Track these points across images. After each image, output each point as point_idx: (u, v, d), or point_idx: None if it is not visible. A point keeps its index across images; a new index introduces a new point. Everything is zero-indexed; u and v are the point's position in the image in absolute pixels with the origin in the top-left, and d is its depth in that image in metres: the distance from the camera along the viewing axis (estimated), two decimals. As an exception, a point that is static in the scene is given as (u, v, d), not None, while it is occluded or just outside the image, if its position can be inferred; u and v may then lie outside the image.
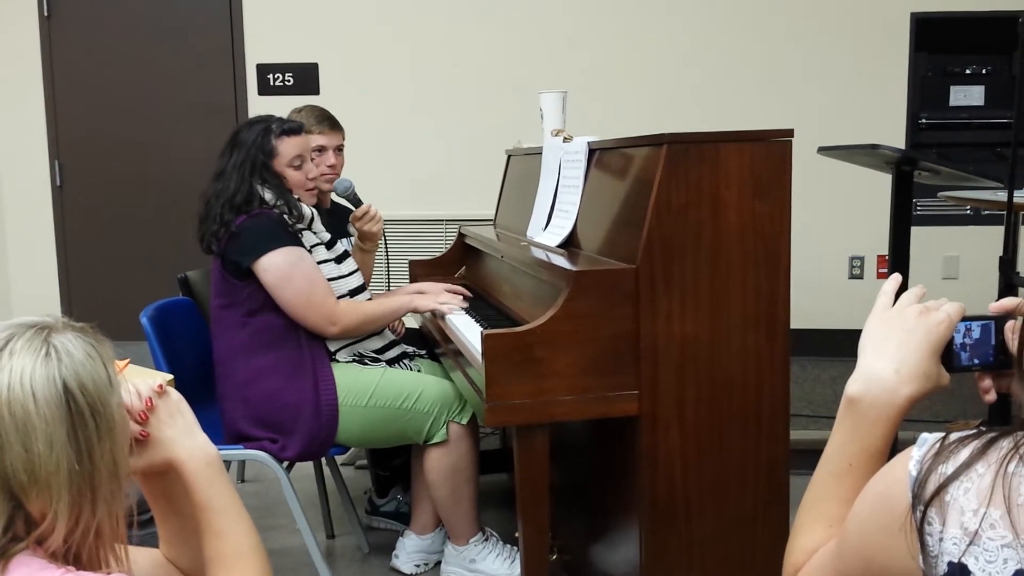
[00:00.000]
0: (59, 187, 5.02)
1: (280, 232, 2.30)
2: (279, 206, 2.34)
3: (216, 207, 2.32)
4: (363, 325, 2.41)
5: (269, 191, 2.34)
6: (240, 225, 2.29)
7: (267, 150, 2.36)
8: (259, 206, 2.32)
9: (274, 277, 2.28)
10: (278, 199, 2.34)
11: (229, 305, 2.35)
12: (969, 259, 4.61)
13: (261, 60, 4.80)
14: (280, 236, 2.29)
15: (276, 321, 2.32)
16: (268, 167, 2.36)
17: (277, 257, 2.27)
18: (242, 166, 2.34)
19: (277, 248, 2.27)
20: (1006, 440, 0.77)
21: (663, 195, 1.83)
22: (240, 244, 2.29)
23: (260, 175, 2.34)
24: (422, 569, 2.58)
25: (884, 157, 2.60)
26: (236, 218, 2.29)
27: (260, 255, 2.27)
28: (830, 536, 0.94)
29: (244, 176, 2.33)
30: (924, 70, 4.56)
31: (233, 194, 2.31)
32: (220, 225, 2.30)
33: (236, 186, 2.32)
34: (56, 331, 1.03)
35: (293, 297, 2.29)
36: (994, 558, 0.73)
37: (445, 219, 4.56)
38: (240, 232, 2.29)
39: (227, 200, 2.31)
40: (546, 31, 4.69)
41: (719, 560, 1.96)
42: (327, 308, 2.33)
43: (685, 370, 1.88)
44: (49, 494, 0.98)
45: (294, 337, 2.33)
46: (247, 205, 2.31)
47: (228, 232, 2.29)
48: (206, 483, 1.18)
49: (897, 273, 1.06)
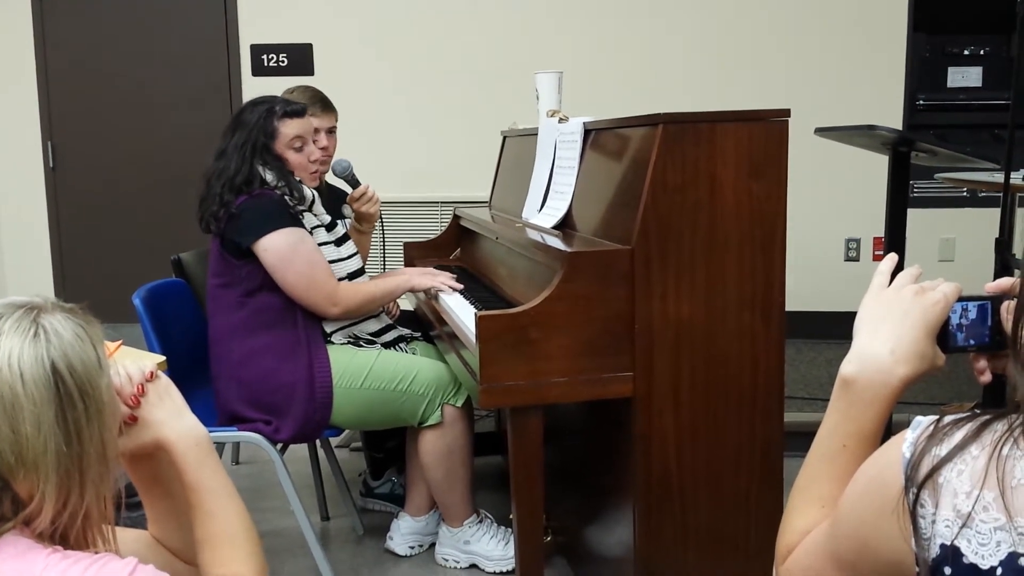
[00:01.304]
0: (52, 168, 4.99)
1: (281, 213, 2.29)
2: (280, 187, 2.33)
3: (216, 187, 2.31)
4: (364, 305, 2.41)
5: (270, 172, 2.33)
6: (240, 205, 2.28)
7: (268, 131, 2.35)
8: (260, 187, 2.31)
9: (275, 258, 2.27)
10: (279, 180, 2.33)
11: (227, 284, 2.34)
12: (965, 241, 4.60)
13: (255, 41, 4.77)
14: (281, 217, 2.28)
15: (273, 301, 2.32)
16: (269, 148, 2.35)
17: (278, 238, 2.26)
18: (243, 146, 2.32)
19: (278, 229, 2.26)
20: (1000, 422, 0.76)
21: (659, 175, 1.82)
22: (240, 224, 2.27)
23: (261, 156, 2.33)
24: (416, 551, 2.58)
25: (881, 138, 2.59)
26: (236, 198, 2.28)
27: (260, 236, 2.26)
28: (823, 518, 0.94)
29: (245, 156, 2.32)
30: (922, 51, 4.54)
31: (234, 174, 2.30)
32: (220, 205, 2.29)
33: (237, 166, 2.31)
34: (45, 312, 1.02)
35: (295, 278, 2.28)
36: (987, 540, 0.73)
37: (440, 201, 4.54)
38: (240, 212, 2.27)
39: (227, 180, 2.30)
40: (542, 11, 4.66)
41: (713, 541, 1.96)
42: (329, 288, 2.32)
43: (680, 352, 1.87)
44: (37, 475, 0.97)
45: (290, 318, 2.33)
46: (248, 186, 2.30)
47: (228, 212, 2.28)
48: (196, 464, 1.17)
49: (893, 253, 1.05)
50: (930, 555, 0.75)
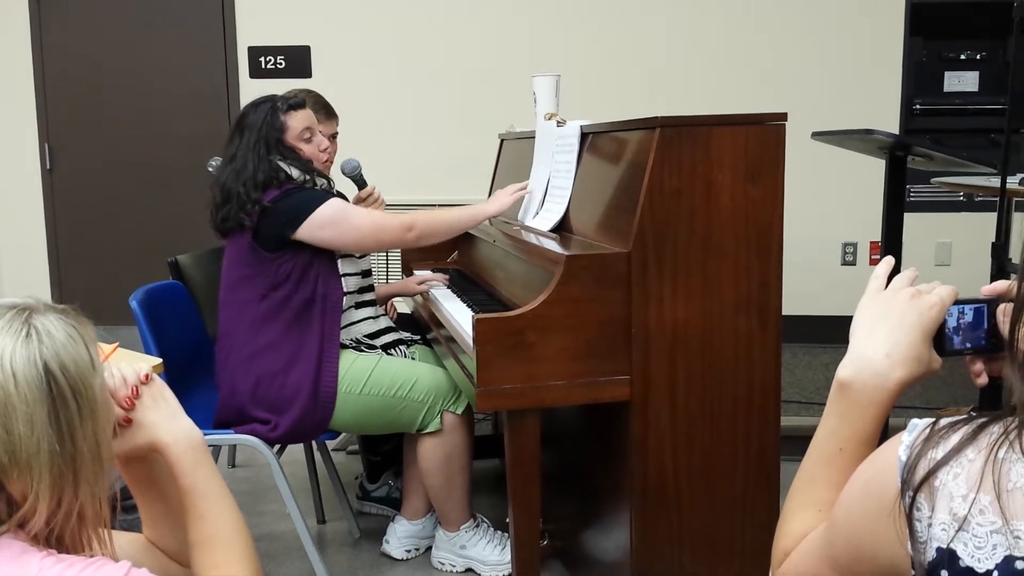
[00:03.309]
0: (49, 170, 4.99)
1: (316, 195, 2.32)
2: (307, 181, 2.35)
3: (238, 187, 2.30)
4: (439, 228, 2.45)
5: (294, 167, 2.34)
6: (276, 198, 2.28)
7: (278, 126, 2.36)
8: (286, 181, 2.32)
9: (330, 222, 2.29)
10: (304, 174, 2.35)
11: (251, 277, 2.33)
12: (962, 245, 4.61)
13: (252, 43, 4.77)
14: (318, 198, 2.31)
15: (296, 298, 2.31)
16: (282, 143, 2.36)
17: (325, 209, 2.29)
18: (256, 145, 2.33)
19: (320, 205, 2.29)
20: (996, 426, 0.76)
21: (656, 179, 1.82)
22: (282, 214, 2.28)
23: (277, 151, 2.34)
24: (412, 554, 2.57)
25: (878, 142, 2.59)
26: (265, 194, 2.28)
27: (308, 215, 2.27)
28: (819, 521, 0.94)
29: (261, 154, 2.32)
30: (919, 55, 4.55)
31: (254, 172, 2.30)
32: (251, 202, 2.28)
33: (255, 165, 2.31)
34: (37, 312, 1.02)
35: (358, 231, 2.32)
36: (983, 544, 0.72)
37: (437, 203, 4.53)
38: (276, 207, 2.28)
39: (249, 178, 2.29)
40: (540, 14, 4.66)
41: (709, 545, 1.96)
42: (397, 220, 2.38)
43: (676, 355, 1.88)
44: (30, 475, 0.97)
45: (307, 317, 2.32)
46: (274, 180, 2.31)
47: (261, 207, 2.28)
48: (190, 467, 1.17)
49: (889, 256, 1.05)
50: (926, 559, 0.75)
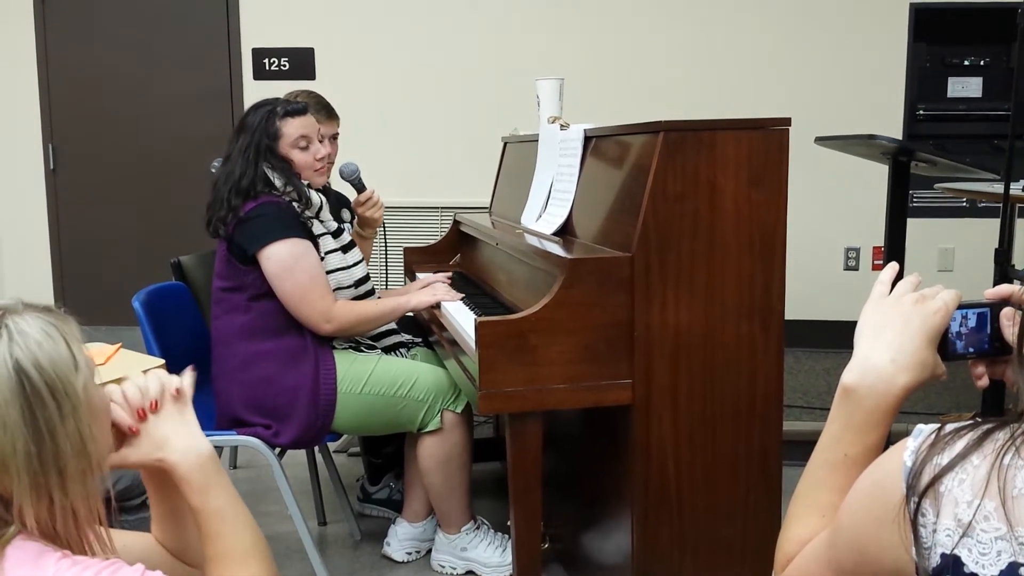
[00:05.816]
0: (52, 171, 4.99)
1: (289, 222, 2.28)
2: (288, 193, 2.33)
3: (223, 191, 2.30)
4: (358, 325, 2.38)
5: (277, 176, 2.33)
6: (249, 212, 2.27)
7: (271, 132, 2.34)
8: (268, 191, 2.31)
9: (276, 267, 2.26)
10: (287, 185, 2.33)
11: (234, 288, 2.33)
12: (965, 251, 4.60)
13: (257, 44, 4.77)
14: (289, 226, 2.27)
15: (279, 307, 2.31)
16: (273, 150, 2.34)
17: (282, 248, 2.25)
18: (247, 150, 2.32)
19: (284, 239, 2.25)
20: (1002, 432, 0.76)
21: (659, 183, 1.82)
22: (248, 231, 2.27)
23: (266, 158, 2.33)
24: (413, 557, 2.57)
25: (881, 148, 2.59)
26: (244, 203, 2.28)
27: (266, 244, 2.25)
28: (823, 526, 0.93)
29: (249, 159, 2.31)
30: (922, 61, 4.55)
31: (239, 178, 2.29)
32: (228, 210, 2.28)
33: (242, 170, 2.30)
34: (13, 312, 1.00)
35: (292, 290, 2.27)
36: (988, 550, 0.72)
37: (440, 206, 4.54)
38: (248, 219, 2.27)
39: (233, 184, 2.29)
40: (543, 17, 4.66)
41: (711, 549, 1.96)
42: (323, 305, 2.30)
43: (679, 359, 1.87)
44: (8, 475, 0.96)
45: (296, 324, 2.32)
46: (254, 189, 2.29)
47: (236, 217, 2.27)
48: (199, 487, 1.14)
49: (894, 261, 1.05)
50: (931, 564, 0.75)
